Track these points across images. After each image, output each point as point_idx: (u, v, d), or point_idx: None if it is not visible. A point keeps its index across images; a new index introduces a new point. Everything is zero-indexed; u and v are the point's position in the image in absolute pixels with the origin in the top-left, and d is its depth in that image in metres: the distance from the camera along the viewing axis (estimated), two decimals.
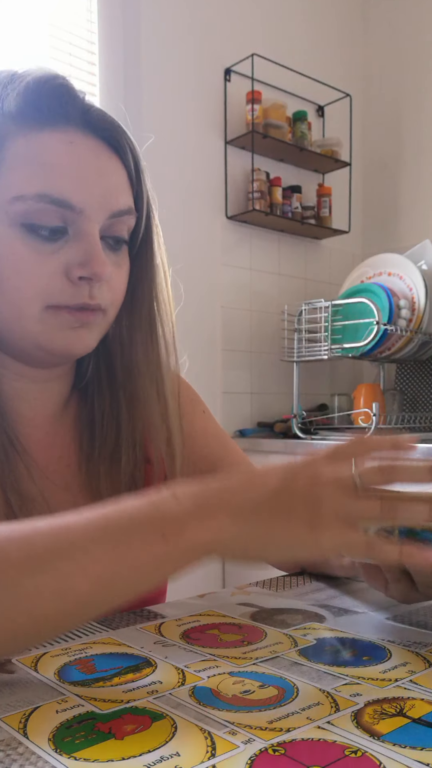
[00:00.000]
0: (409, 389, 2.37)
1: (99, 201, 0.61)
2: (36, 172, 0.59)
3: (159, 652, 0.52)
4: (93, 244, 0.61)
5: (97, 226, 0.62)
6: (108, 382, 0.71)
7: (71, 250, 0.61)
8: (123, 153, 0.64)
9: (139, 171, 0.67)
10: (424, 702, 0.43)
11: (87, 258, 0.61)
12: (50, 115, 0.60)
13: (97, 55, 2.03)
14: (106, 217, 0.62)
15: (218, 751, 0.36)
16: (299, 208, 2.32)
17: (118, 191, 0.63)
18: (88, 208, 0.61)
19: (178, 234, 2.08)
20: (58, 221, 0.60)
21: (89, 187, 0.61)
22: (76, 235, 0.61)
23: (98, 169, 0.62)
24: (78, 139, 0.61)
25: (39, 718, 0.41)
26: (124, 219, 0.64)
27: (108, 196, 0.62)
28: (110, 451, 0.70)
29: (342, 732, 0.38)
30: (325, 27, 2.52)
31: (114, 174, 0.63)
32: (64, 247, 0.61)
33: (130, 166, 0.65)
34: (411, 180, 2.52)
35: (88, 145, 0.62)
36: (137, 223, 0.67)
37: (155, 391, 0.70)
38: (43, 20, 1.90)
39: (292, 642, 0.53)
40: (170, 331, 0.72)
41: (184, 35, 2.12)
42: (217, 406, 2.20)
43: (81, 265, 0.61)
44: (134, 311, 0.70)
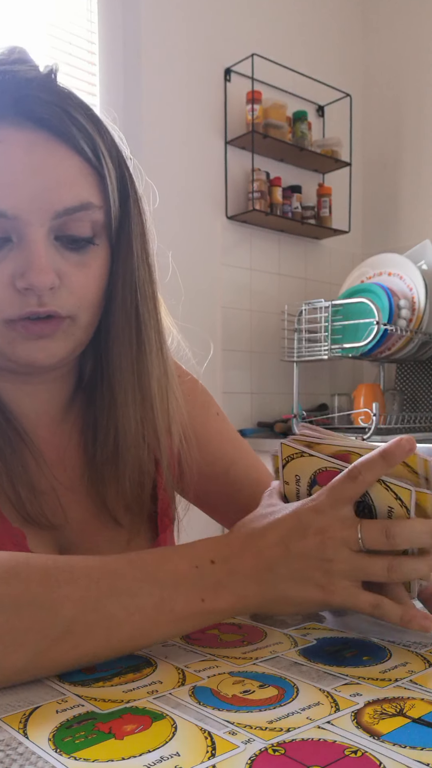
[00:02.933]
0: (409, 389, 2.37)
1: (36, 203, 0.55)
2: None
3: (159, 652, 0.52)
4: (32, 251, 0.56)
5: (40, 230, 0.56)
6: (107, 385, 0.67)
7: (14, 259, 0.56)
8: (71, 139, 0.57)
9: (100, 154, 0.58)
10: (424, 702, 0.43)
11: (26, 267, 0.55)
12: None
13: (97, 55, 2.03)
14: (51, 218, 0.56)
15: (218, 751, 0.36)
16: (299, 208, 2.32)
17: (62, 187, 0.56)
18: (23, 212, 0.55)
19: (178, 234, 2.08)
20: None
21: (20, 189, 0.55)
22: (19, 242, 0.56)
23: (33, 167, 0.55)
24: (10, 135, 0.55)
25: (39, 718, 0.41)
26: (79, 215, 0.57)
27: (48, 195, 0.55)
28: (111, 456, 0.67)
29: (342, 732, 0.38)
30: (325, 27, 2.52)
31: (55, 168, 0.56)
32: (8, 256, 0.56)
33: (85, 152, 0.57)
34: (411, 180, 2.52)
35: (20, 140, 0.55)
36: (108, 214, 0.60)
37: (139, 394, 0.66)
38: (43, 20, 1.90)
39: (292, 642, 0.53)
40: (155, 329, 0.66)
41: (184, 35, 2.12)
42: None
43: (21, 276, 0.56)
44: (113, 308, 0.64)
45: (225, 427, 0.82)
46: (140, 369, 0.65)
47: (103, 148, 0.59)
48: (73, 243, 0.58)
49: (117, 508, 0.67)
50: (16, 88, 0.56)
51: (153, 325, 0.66)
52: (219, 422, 0.81)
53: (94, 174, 0.58)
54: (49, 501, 0.63)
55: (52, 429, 0.68)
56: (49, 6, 1.92)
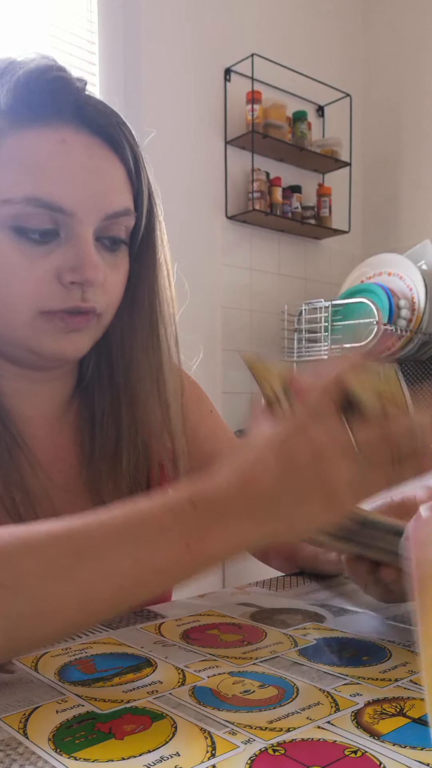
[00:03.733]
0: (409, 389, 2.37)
1: (92, 203, 0.59)
2: (25, 174, 0.57)
3: (159, 652, 0.52)
4: (85, 247, 0.59)
5: (90, 229, 0.59)
6: (109, 382, 0.69)
7: (63, 254, 0.59)
8: (120, 149, 0.62)
9: (139, 167, 0.64)
10: (424, 702, 0.43)
11: (78, 262, 0.58)
12: (41, 112, 0.58)
13: (97, 54, 2.03)
14: (101, 219, 0.60)
15: (218, 751, 0.36)
16: (299, 208, 2.32)
17: (113, 192, 0.61)
18: (79, 210, 0.58)
19: (178, 234, 2.07)
20: (48, 224, 0.58)
21: (81, 188, 0.58)
22: (68, 238, 0.59)
23: (91, 169, 0.59)
24: (70, 137, 0.58)
25: (39, 718, 0.41)
26: (120, 220, 0.62)
27: (102, 198, 0.59)
28: (111, 452, 0.68)
29: (342, 732, 0.38)
30: (325, 27, 2.52)
31: (109, 173, 0.60)
32: (55, 250, 0.59)
33: (129, 162, 0.62)
34: (411, 180, 2.52)
35: (81, 143, 0.59)
36: (137, 222, 0.65)
37: (156, 393, 0.69)
38: (43, 20, 1.90)
39: (292, 642, 0.53)
40: (172, 331, 0.70)
41: (184, 35, 2.12)
42: (217, 406, 2.19)
43: (72, 270, 0.59)
44: (135, 311, 0.68)
45: (219, 424, 0.83)
46: (159, 370, 0.69)
47: (141, 163, 0.64)
48: (113, 244, 0.62)
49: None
50: (76, 94, 0.60)
51: (170, 328, 0.70)
52: (213, 419, 0.82)
53: (131, 184, 0.63)
54: (43, 505, 0.63)
55: (50, 428, 0.69)
56: (49, 6, 1.92)
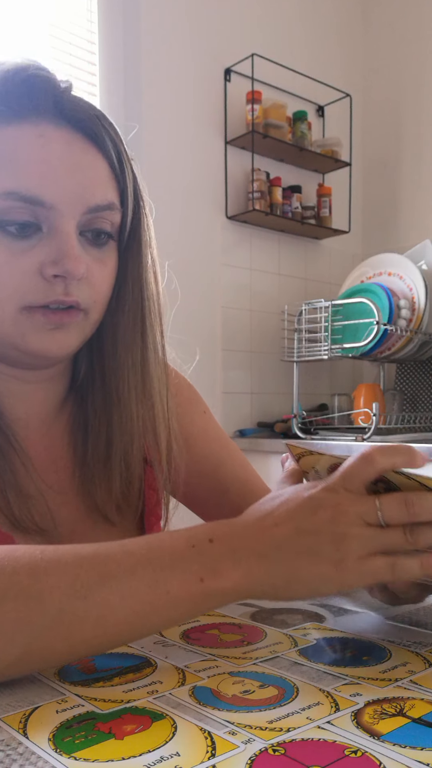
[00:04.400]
0: (409, 389, 2.37)
1: (72, 196, 0.59)
2: (3, 169, 0.57)
3: (159, 652, 0.52)
4: (66, 240, 0.58)
5: (72, 222, 0.59)
6: (101, 383, 0.69)
7: (45, 248, 0.59)
8: (102, 144, 0.61)
9: (123, 163, 0.63)
10: (424, 702, 0.43)
11: (60, 255, 0.58)
12: (20, 109, 0.58)
13: (97, 55, 2.03)
14: (82, 213, 0.60)
15: (218, 751, 0.36)
16: (299, 208, 2.32)
17: (95, 185, 0.60)
18: (60, 203, 0.58)
19: (178, 234, 2.08)
20: (30, 218, 0.58)
21: (60, 181, 0.58)
22: (50, 232, 0.59)
23: (71, 163, 0.59)
24: (49, 131, 0.58)
25: (39, 718, 0.41)
26: (104, 214, 0.61)
27: (83, 191, 0.59)
28: (102, 454, 0.68)
29: (342, 732, 0.38)
30: (325, 27, 2.52)
31: (90, 167, 0.60)
32: (37, 245, 0.59)
33: (112, 158, 0.62)
34: (411, 180, 2.52)
35: (60, 138, 0.59)
36: (123, 218, 0.64)
37: (141, 391, 0.68)
38: (43, 20, 1.90)
39: (292, 642, 0.53)
40: (159, 331, 0.69)
41: (184, 35, 2.12)
42: (217, 406, 2.20)
43: (53, 263, 0.58)
44: (120, 309, 0.67)
45: (212, 425, 0.82)
46: (144, 369, 0.68)
47: (124, 157, 0.63)
48: (97, 238, 0.62)
49: (108, 507, 0.68)
50: (54, 90, 0.60)
51: (157, 328, 0.69)
52: (206, 420, 0.82)
53: (116, 179, 0.63)
54: (38, 505, 0.63)
55: (43, 430, 0.69)
56: (49, 6, 1.92)
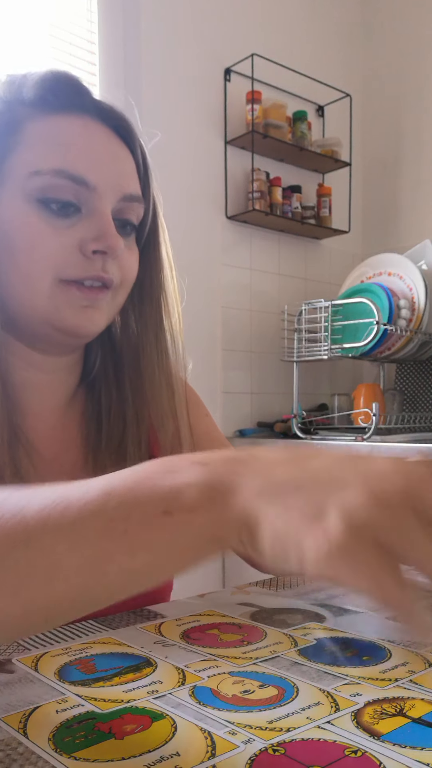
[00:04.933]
0: (409, 389, 2.37)
1: (112, 182, 0.64)
2: (54, 149, 0.62)
3: (159, 651, 0.52)
4: (106, 220, 0.64)
5: (109, 206, 0.64)
6: (115, 377, 0.73)
7: (85, 226, 0.63)
8: (132, 146, 0.68)
9: (147, 167, 0.70)
10: (424, 702, 0.43)
11: (101, 233, 0.63)
12: (67, 101, 0.64)
13: (97, 55, 2.03)
14: (118, 199, 0.65)
15: (218, 751, 0.36)
16: (299, 208, 2.32)
17: (129, 176, 0.66)
18: (101, 186, 0.63)
19: (178, 234, 2.07)
20: (72, 198, 0.63)
21: (103, 167, 0.64)
22: (89, 212, 0.64)
23: (111, 153, 0.65)
24: (91, 124, 0.65)
25: (39, 718, 0.41)
26: (133, 206, 0.67)
27: (120, 179, 0.65)
28: (116, 446, 0.71)
29: (342, 732, 0.38)
30: (325, 27, 2.52)
31: (125, 160, 0.67)
32: (77, 223, 0.63)
33: (139, 159, 0.69)
34: (411, 180, 2.52)
35: (102, 132, 0.65)
36: (144, 215, 0.70)
37: (164, 382, 0.72)
38: (43, 20, 1.90)
39: (292, 642, 0.53)
40: (177, 324, 0.74)
41: (184, 35, 2.12)
42: (217, 406, 2.20)
43: (95, 239, 0.63)
44: (143, 303, 0.72)
45: (213, 428, 0.85)
46: (161, 362, 0.72)
47: (147, 162, 0.70)
48: (124, 227, 0.67)
49: None
50: (90, 94, 0.67)
51: (175, 322, 0.74)
52: (208, 423, 0.84)
53: (140, 179, 0.69)
54: None
55: (55, 420, 0.72)
56: (49, 6, 1.92)
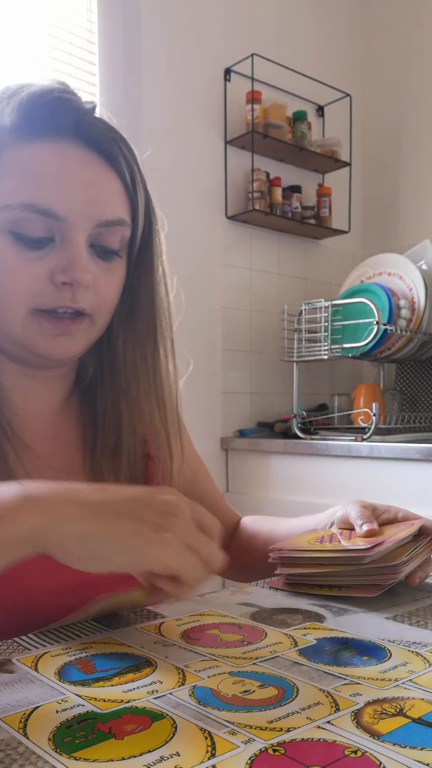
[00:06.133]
0: (409, 389, 2.37)
1: (84, 210, 0.63)
2: (23, 182, 0.62)
3: (159, 651, 0.52)
4: (76, 251, 0.63)
5: (83, 235, 0.64)
6: (111, 384, 0.74)
7: (56, 257, 0.63)
8: (116, 164, 0.66)
9: (136, 182, 0.68)
10: (424, 702, 0.43)
11: (69, 264, 0.63)
12: (41, 128, 0.63)
13: (97, 55, 2.03)
14: (93, 226, 0.64)
15: (218, 751, 0.36)
16: (299, 208, 2.32)
17: (106, 202, 0.65)
18: (72, 216, 0.63)
19: (178, 234, 2.07)
20: (43, 230, 0.63)
21: (74, 196, 0.63)
22: (62, 242, 0.64)
23: (85, 180, 0.64)
24: (67, 150, 0.63)
25: (39, 718, 0.41)
26: (114, 230, 0.66)
27: (94, 206, 0.64)
28: (112, 449, 0.73)
29: (342, 732, 0.39)
30: (325, 27, 2.52)
31: (104, 184, 0.65)
32: (50, 254, 0.63)
33: (125, 176, 0.67)
34: (411, 180, 2.52)
35: (77, 156, 0.64)
36: (134, 233, 0.69)
37: (154, 396, 0.74)
38: (43, 20, 1.90)
39: (292, 642, 0.54)
40: (170, 339, 0.75)
41: (184, 35, 2.12)
42: (217, 406, 2.20)
43: (63, 271, 0.63)
44: (135, 319, 0.73)
45: (190, 440, 0.89)
46: (155, 370, 0.74)
47: (138, 177, 0.69)
48: (104, 253, 0.67)
49: None
50: (76, 113, 0.65)
51: (168, 334, 0.75)
52: (187, 434, 0.88)
53: (128, 197, 0.68)
54: None
55: (51, 423, 0.73)
56: (49, 6, 1.92)
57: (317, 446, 1.91)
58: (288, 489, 1.98)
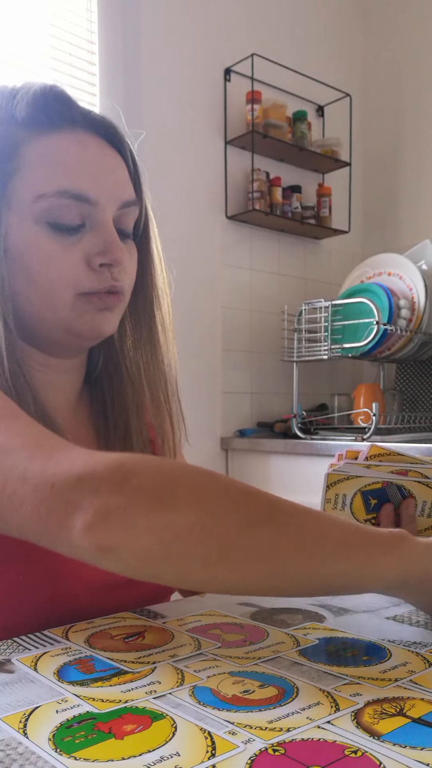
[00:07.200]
0: (409, 389, 2.37)
1: (110, 193, 0.67)
2: (54, 171, 0.65)
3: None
4: (110, 233, 0.67)
5: (110, 217, 0.67)
6: (115, 372, 0.77)
7: (90, 240, 0.66)
8: (124, 153, 0.71)
9: (137, 169, 0.73)
10: (424, 702, 0.43)
11: (106, 246, 0.66)
12: (59, 119, 0.66)
13: (97, 55, 2.03)
14: (117, 207, 0.68)
15: (218, 751, 0.36)
16: (299, 208, 2.32)
17: (125, 184, 0.70)
18: (102, 199, 0.66)
19: (178, 234, 2.08)
20: (77, 215, 0.66)
21: (101, 180, 0.67)
22: (93, 226, 0.67)
23: (106, 165, 0.68)
24: (85, 138, 0.67)
25: (39, 718, 0.41)
26: (130, 210, 0.70)
27: (117, 188, 0.68)
28: (122, 435, 0.77)
29: (342, 732, 0.38)
30: (325, 27, 2.52)
31: (119, 169, 0.69)
32: (82, 239, 0.66)
33: (130, 165, 0.72)
34: (411, 180, 2.52)
35: (95, 144, 0.68)
36: (138, 215, 0.73)
37: (156, 370, 0.77)
38: (43, 20, 1.90)
39: (294, 642, 0.53)
40: (167, 315, 0.78)
41: (184, 35, 2.12)
42: (217, 406, 2.20)
43: (101, 254, 0.66)
44: (136, 297, 0.75)
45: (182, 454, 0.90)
46: (154, 352, 0.77)
47: (138, 168, 0.73)
48: (123, 234, 0.70)
49: None
50: (79, 106, 0.69)
51: (165, 313, 0.78)
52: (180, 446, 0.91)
53: (133, 183, 0.72)
54: None
55: (69, 416, 0.76)
56: (49, 6, 1.92)
57: (317, 446, 1.91)
58: (288, 489, 1.98)
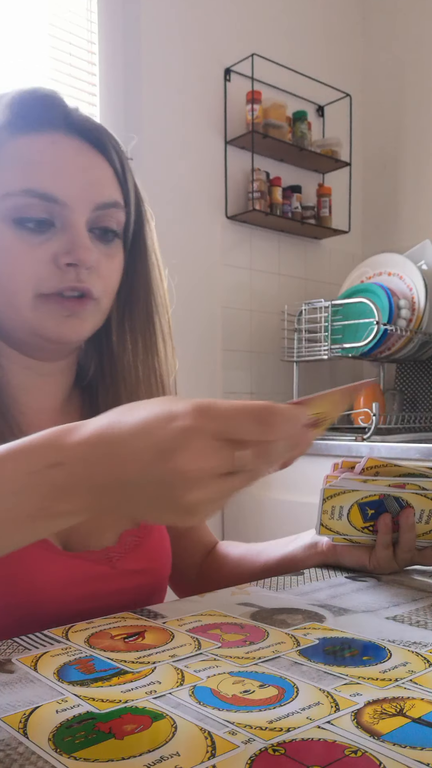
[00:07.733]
0: (409, 389, 2.37)
1: (82, 194, 0.66)
2: (21, 170, 0.64)
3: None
4: (77, 233, 0.65)
5: (82, 218, 0.66)
6: (111, 377, 0.75)
7: (58, 241, 0.65)
8: (107, 153, 0.69)
9: (125, 172, 0.71)
10: (424, 702, 0.43)
11: (72, 246, 0.65)
12: (35, 121, 0.66)
13: (97, 55, 2.03)
14: (91, 209, 0.66)
15: (218, 751, 0.36)
16: (299, 208, 2.32)
17: (102, 185, 0.68)
18: (71, 200, 0.65)
19: (178, 234, 2.08)
20: (44, 214, 0.65)
21: (71, 180, 0.65)
22: (62, 226, 0.65)
23: (81, 165, 0.66)
24: (61, 139, 0.66)
25: (39, 718, 0.41)
26: (110, 212, 0.68)
27: (91, 189, 0.66)
28: None
29: (342, 732, 0.38)
30: (325, 27, 2.52)
31: (97, 169, 0.68)
32: (52, 238, 0.65)
33: (116, 165, 0.70)
34: (411, 180, 2.52)
35: (72, 145, 0.67)
36: (127, 219, 0.71)
37: (154, 380, 0.75)
38: (43, 20, 1.90)
39: (294, 642, 0.53)
40: (167, 324, 0.76)
41: (184, 35, 2.12)
42: None
43: (66, 253, 0.65)
44: (132, 305, 0.74)
45: None
46: (152, 358, 0.75)
47: (126, 166, 0.72)
48: (104, 235, 0.68)
49: None
50: (64, 108, 0.68)
51: (164, 321, 0.76)
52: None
53: (119, 184, 0.70)
54: None
55: (54, 419, 0.74)
56: (49, 6, 1.92)
57: (317, 446, 1.91)
58: (288, 489, 1.98)
